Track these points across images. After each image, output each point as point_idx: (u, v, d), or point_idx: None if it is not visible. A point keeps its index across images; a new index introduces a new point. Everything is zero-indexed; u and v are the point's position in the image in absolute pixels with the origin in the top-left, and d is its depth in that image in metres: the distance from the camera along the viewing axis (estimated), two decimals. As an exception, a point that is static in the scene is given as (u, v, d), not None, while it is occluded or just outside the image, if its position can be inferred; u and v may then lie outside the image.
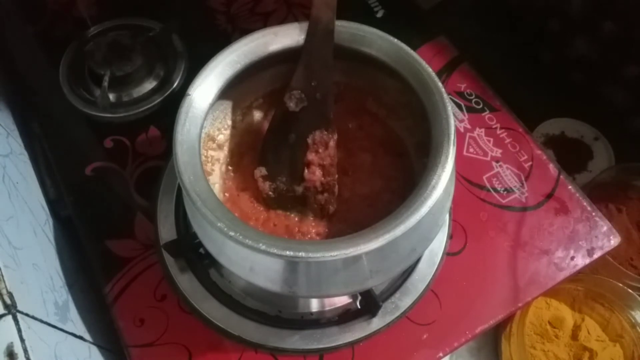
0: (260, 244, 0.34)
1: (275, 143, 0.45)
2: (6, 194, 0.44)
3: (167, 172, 0.53)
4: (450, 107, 0.39)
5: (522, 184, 0.55)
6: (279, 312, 0.48)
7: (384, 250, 0.35)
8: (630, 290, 0.55)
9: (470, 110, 0.59)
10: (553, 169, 0.56)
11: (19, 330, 0.34)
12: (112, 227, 0.52)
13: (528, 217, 0.54)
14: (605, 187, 0.63)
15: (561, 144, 0.69)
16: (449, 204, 0.42)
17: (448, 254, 0.51)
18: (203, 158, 0.42)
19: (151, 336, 0.47)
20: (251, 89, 0.46)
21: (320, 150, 0.43)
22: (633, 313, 0.56)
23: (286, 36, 0.43)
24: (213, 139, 0.46)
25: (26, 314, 0.36)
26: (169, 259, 0.49)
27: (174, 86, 0.59)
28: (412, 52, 0.41)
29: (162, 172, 0.54)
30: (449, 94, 0.45)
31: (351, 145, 0.47)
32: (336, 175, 0.44)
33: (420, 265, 0.50)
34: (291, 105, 0.43)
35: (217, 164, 0.46)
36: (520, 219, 0.53)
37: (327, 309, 0.49)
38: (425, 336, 0.48)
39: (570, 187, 0.55)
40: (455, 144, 0.37)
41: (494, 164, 0.56)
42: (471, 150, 0.57)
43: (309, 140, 0.43)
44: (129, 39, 0.60)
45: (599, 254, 0.52)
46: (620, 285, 0.56)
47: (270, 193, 0.44)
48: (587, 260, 0.52)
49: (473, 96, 0.60)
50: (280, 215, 0.44)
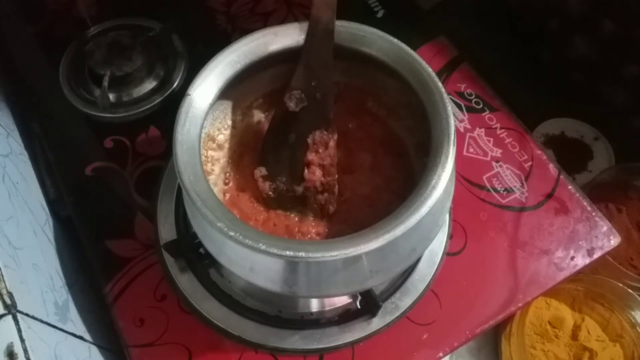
0: (260, 244, 0.34)
1: (275, 143, 0.45)
2: (6, 194, 0.44)
3: (167, 172, 0.53)
4: (450, 107, 0.39)
5: (522, 184, 0.55)
6: (279, 312, 0.48)
7: (384, 250, 0.35)
8: (630, 290, 0.55)
9: (470, 110, 0.59)
10: (553, 169, 0.56)
11: (19, 330, 0.34)
12: (112, 227, 0.52)
13: (528, 217, 0.54)
14: (605, 187, 0.63)
15: (561, 144, 0.69)
16: (449, 204, 0.42)
17: (448, 254, 0.51)
18: (203, 158, 0.42)
19: (151, 336, 0.47)
20: (251, 89, 0.46)
21: (320, 150, 0.43)
22: (633, 313, 0.56)
23: (286, 36, 0.43)
24: (213, 139, 0.46)
25: (26, 314, 0.36)
26: (169, 259, 0.49)
27: (174, 86, 0.59)
28: (412, 52, 0.41)
29: (162, 172, 0.53)
30: (449, 94, 0.45)
31: (351, 145, 0.47)
32: (336, 175, 0.44)
33: (420, 265, 0.50)
34: (291, 105, 0.43)
35: (217, 164, 0.46)
36: (520, 219, 0.53)
37: (327, 309, 0.49)
38: (425, 336, 0.48)
39: (570, 187, 0.55)
40: (455, 144, 0.37)
41: (494, 164, 0.56)
42: (471, 150, 0.57)
43: (309, 140, 0.43)
44: (129, 39, 0.60)
45: (599, 254, 0.52)
46: (620, 285, 0.56)
47: (270, 193, 0.44)
48: (587, 260, 0.52)
49: (473, 96, 0.60)
50: (280, 215, 0.44)
